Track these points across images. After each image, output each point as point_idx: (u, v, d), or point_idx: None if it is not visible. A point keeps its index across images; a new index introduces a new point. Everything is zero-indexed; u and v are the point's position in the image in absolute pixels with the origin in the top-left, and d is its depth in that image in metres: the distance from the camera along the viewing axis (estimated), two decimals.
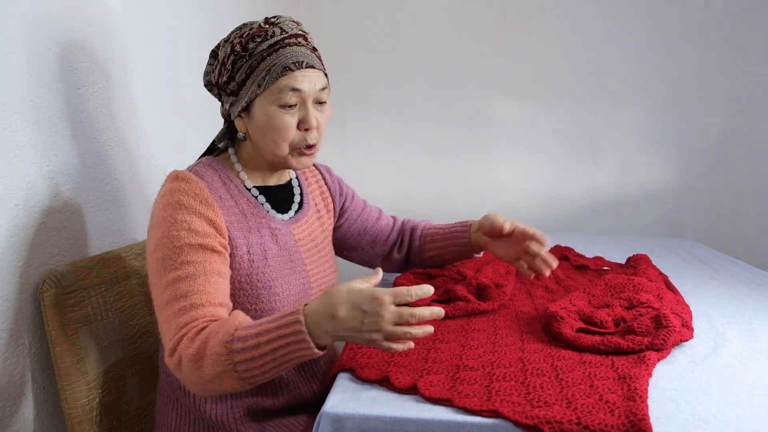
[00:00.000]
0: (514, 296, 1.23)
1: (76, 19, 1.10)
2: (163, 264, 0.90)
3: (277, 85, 0.95)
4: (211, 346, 0.81)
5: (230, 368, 0.79)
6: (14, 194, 0.95)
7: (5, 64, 0.92)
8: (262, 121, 0.97)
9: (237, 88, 0.98)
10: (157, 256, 0.91)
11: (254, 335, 0.79)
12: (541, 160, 2.52)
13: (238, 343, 0.79)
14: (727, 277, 1.50)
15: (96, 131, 1.16)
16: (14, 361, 0.95)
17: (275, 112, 0.96)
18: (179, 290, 0.88)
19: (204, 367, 0.81)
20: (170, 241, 0.90)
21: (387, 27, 2.51)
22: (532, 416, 0.69)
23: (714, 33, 2.38)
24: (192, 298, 0.87)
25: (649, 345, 0.90)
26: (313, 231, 1.14)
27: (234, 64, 0.97)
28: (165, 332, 0.88)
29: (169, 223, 0.91)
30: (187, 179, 0.95)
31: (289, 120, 0.97)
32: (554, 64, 2.45)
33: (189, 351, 0.82)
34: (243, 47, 0.96)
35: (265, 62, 0.95)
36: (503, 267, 1.36)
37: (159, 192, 0.98)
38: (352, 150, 2.58)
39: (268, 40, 0.96)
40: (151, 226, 0.95)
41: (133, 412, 1.13)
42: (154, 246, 0.92)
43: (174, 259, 0.89)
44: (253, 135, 1.01)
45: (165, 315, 0.88)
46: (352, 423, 0.72)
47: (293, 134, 0.98)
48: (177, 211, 0.92)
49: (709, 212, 2.48)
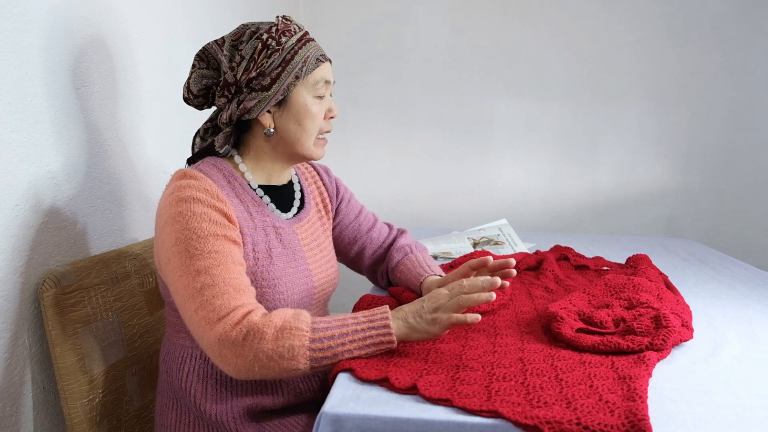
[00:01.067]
0: (514, 296, 1.23)
1: (76, 20, 1.10)
2: (188, 255, 0.89)
3: (314, 76, 1.02)
4: (290, 328, 0.84)
5: (306, 348, 0.84)
6: (14, 194, 0.95)
7: (5, 65, 0.92)
8: (300, 111, 1.02)
9: (270, 82, 0.99)
10: (180, 248, 0.90)
11: (337, 321, 0.87)
12: (541, 160, 2.52)
13: (319, 324, 0.86)
14: (727, 277, 1.50)
15: (96, 131, 1.16)
16: (14, 361, 0.95)
17: (312, 101, 1.03)
18: (216, 276, 0.88)
19: (280, 342, 0.83)
20: (193, 232, 0.90)
21: (387, 27, 2.51)
22: (532, 416, 0.69)
23: (714, 34, 2.38)
24: (232, 283, 0.89)
25: (649, 345, 0.90)
26: (315, 230, 1.15)
27: (268, 58, 0.99)
28: (201, 319, 0.86)
29: (187, 216, 0.91)
30: (196, 176, 0.96)
31: (320, 110, 1.05)
32: (554, 64, 2.45)
33: (266, 325, 0.84)
34: (276, 41, 0.99)
35: (299, 55, 1.00)
36: None
37: (165, 191, 0.97)
38: (352, 150, 2.58)
39: (294, 35, 1.01)
40: (164, 223, 0.93)
41: (133, 412, 1.13)
42: (174, 240, 0.91)
43: (201, 249, 0.89)
44: (285, 127, 1.03)
45: (198, 304, 0.87)
46: (352, 423, 0.72)
47: (322, 123, 1.06)
48: (193, 205, 0.92)
49: (709, 212, 2.48)
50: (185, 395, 1.00)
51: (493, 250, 1.69)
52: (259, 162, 1.07)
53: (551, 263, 1.44)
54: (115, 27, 1.23)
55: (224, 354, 0.85)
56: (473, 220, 2.35)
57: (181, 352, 1.01)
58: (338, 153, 2.54)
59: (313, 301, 1.09)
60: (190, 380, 0.99)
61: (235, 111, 1.01)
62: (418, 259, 1.23)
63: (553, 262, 1.45)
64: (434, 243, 1.76)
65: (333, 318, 0.89)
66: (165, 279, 0.95)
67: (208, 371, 0.99)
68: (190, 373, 0.99)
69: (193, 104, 1.07)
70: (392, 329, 0.87)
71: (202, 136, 1.09)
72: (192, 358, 1.00)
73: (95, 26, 1.16)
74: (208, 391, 0.99)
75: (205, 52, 1.04)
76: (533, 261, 1.48)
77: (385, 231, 1.32)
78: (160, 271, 0.97)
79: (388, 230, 1.33)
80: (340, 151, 2.56)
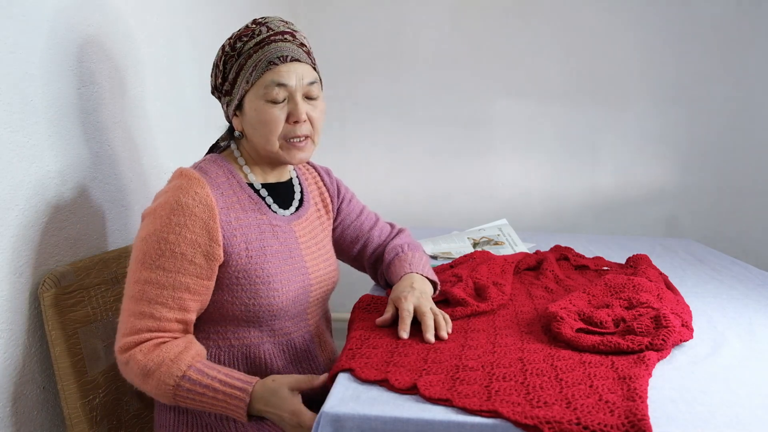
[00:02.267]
0: (514, 296, 1.23)
1: (76, 20, 1.10)
2: (143, 257, 0.94)
3: (263, 80, 0.98)
4: (162, 373, 0.91)
5: (171, 395, 0.92)
6: (14, 194, 0.95)
7: (5, 65, 0.92)
8: (252, 117, 1.01)
9: (230, 87, 1.02)
10: (141, 246, 0.94)
11: (203, 386, 0.91)
12: (541, 160, 2.52)
13: (186, 383, 0.91)
14: (727, 277, 1.50)
15: (96, 131, 1.16)
16: (14, 361, 0.95)
17: (263, 106, 0.99)
18: (147, 293, 0.93)
19: (148, 383, 0.92)
20: (158, 240, 0.93)
21: (387, 27, 2.51)
22: (532, 416, 0.69)
23: (713, 34, 2.38)
24: (155, 309, 0.93)
25: (649, 345, 0.90)
26: (314, 228, 1.15)
27: (225, 65, 1.02)
28: (122, 323, 0.94)
29: (164, 222, 0.93)
30: (191, 177, 0.97)
31: (278, 114, 0.99)
32: (554, 64, 2.45)
33: (141, 363, 0.91)
34: (231, 47, 1.01)
35: (252, 59, 0.98)
36: (498, 266, 1.35)
37: (165, 187, 0.99)
38: (352, 150, 2.58)
39: (254, 38, 0.99)
40: (148, 213, 0.97)
41: (133, 412, 1.13)
42: (143, 235, 0.95)
43: (154, 260, 0.93)
44: (247, 131, 1.04)
45: (127, 308, 0.94)
46: (352, 423, 0.72)
47: (282, 128, 1.01)
48: (174, 213, 0.93)
49: (709, 212, 2.48)
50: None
51: (493, 250, 1.69)
52: (253, 159, 1.09)
53: (551, 263, 1.44)
54: (115, 27, 1.23)
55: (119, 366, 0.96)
56: (473, 220, 2.34)
57: None
58: (338, 153, 2.54)
59: (310, 299, 1.09)
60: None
61: (224, 114, 1.08)
62: (407, 258, 1.21)
63: (553, 262, 1.45)
64: (434, 243, 1.76)
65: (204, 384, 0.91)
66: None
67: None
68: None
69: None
70: (244, 414, 0.91)
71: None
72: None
73: (95, 26, 1.16)
74: None
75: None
76: (533, 261, 1.48)
77: (387, 230, 1.32)
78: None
79: (390, 229, 1.33)
80: (340, 151, 2.56)
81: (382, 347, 0.92)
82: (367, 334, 0.97)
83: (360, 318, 1.05)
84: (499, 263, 1.37)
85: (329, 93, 2.66)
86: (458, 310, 1.08)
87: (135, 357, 0.91)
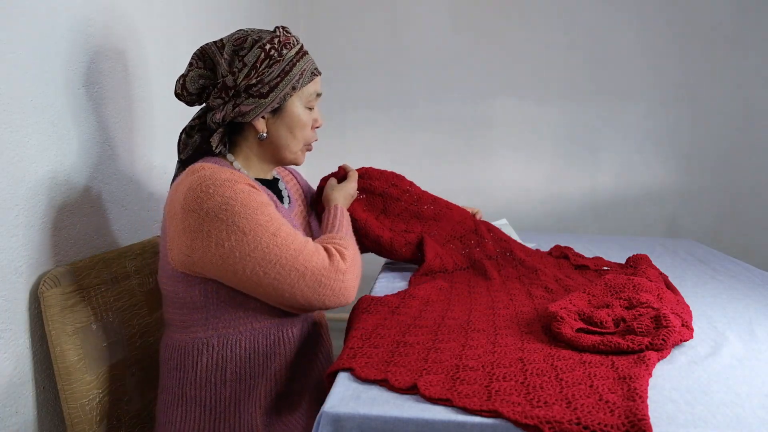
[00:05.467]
0: (514, 296, 1.23)
1: (77, 19, 1.10)
2: (263, 229, 0.95)
3: (309, 88, 1.10)
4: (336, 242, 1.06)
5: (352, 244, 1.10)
6: (14, 194, 0.95)
7: (6, 64, 0.92)
8: (294, 120, 1.10)
9: (268, 90, 1.05)
10: (249, 227, 0.94)
11: (335, 229, 1.13)
12: (541, 160, 2.52)
13: (337, 234, 1.10)
14: (727, 277, 1.50)
15: (96, 131, 1.16)
16: (14, 362, 0.95)
17: (305, 111, 1.11)
18: (289, 232, 0.98)
19: (347, 250, 1.05)
20: (251, 209, 0.95)
21: (387, 27, 2.51)
22: (532, 416, 0.69)
23: (714, 34, 2.38)
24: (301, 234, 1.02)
25: (649, 345, 0.90)
26: (302, 221, 1.24)
27: (269, 68, 1.04)
28: (306, 255, 0.97)
29: (239, 198, 0.95)
30: (214, 167, 0.99)
31: (309, 120, 1.13)
32: (554, 63, 2.45)
33: (333, 249, 1.02)
34: (279, 53, 1.05)
35: (297, 67, 1.07)
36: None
37: (182, 186, 0.97)
38: (352, 150, 2.58)
39: (294, 47, 1.08)
40: (206, 213, 0.93)
41: (133, 412, 1.13)
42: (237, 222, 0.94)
43: (270, 219, 0.97)
44: (276, 133, 1.10)
45: (295, 247, 0.97)
46: (352, 423, 0.72)
47: (309, 133, 1.14)
48: (235, 185, 0.96)
49: (709, 212, 2.48)
50: (201, 387, 1.00)
51: None
52: (247, 161, 1.13)
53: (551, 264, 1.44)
54: (115, 27, 1.23)
55: (335, 276, 0.99)
56: None
57: (196, 346, 1.01)
58: (338, 153, 2.54)
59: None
60: (210, 370, 1.00)
61: (230, 113, 1.05)
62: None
63: (552, 262, 1.45)
64: None
65: (332, 227, 1.13)
66: (214, 269, 0.95)
67: (226, 357, 1.01)
68: (209, 363, 1.01)
69: (186, 100, 1.10)
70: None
71: (188, 133, 1.11)
72: (209, 348, 1.01)
73: (96, 26, 1.16)
74: (227, 377, 1.00)
75: (204, 52, 1.06)
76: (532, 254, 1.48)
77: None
78: (193, 266, 0.96)
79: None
80: (341, 151, 2.56)
81: (383, 347, 0.92)
82: (367, 334, 0.97)
83: (360, 318, 1.06)
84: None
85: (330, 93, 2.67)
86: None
87: (331, 251, 1.01)
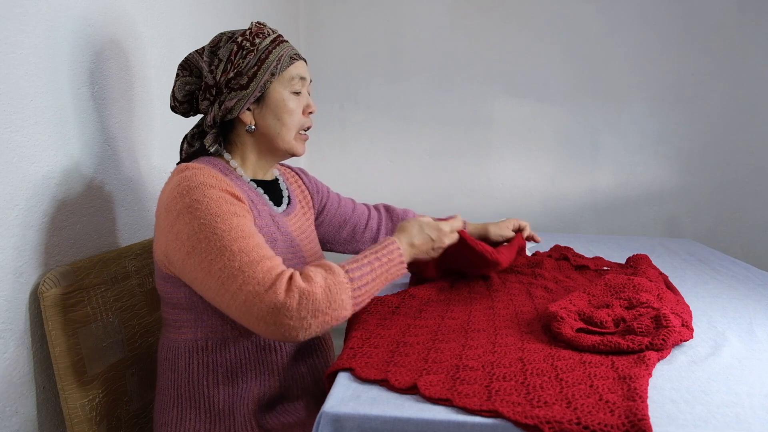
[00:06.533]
0: (514, 296, 1.23)
1: (77, 19, 1.10)
2: (217, 238, 0.88)
3: (289, 72, 1.07)
4: (334, 277, 0.90)
5: (350, 293, 0.91)
6: (14, 194, 0.95)
7: (5, 64, 0.92)
8: (279, 107, 1.06)
9: (248, 80, 1.04)
10: (206, 234, 0.89)
11: (365, 267, 0.95)
12: (541, 160, 2.52)
13: (354, 273, 0.93)
14: (727, 277, 1.50)
15: (96, 131, 1.16)
16: (14, 361, 0.95)
17: (289, 96, 1.07)
18: (251, 252, 0.88)
19: (332, 294, 0.89)
20: (215, 215, 0.90)
21: (387, 27, 2.51)
22: (532, 416, 0.69)
23: (713, 34, 2.38)
24: (266, 254, 0.90)
25: (649, 345, 0.90)
26: (302, 224, 1.20)
27: (243, 58, 1.04)
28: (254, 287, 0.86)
29: (204, 203, 0.91)
30: (199, 167, 0.98)
31: (298, 105, 1.09)
32: (554, 64, 2.45)
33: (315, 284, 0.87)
34: (251, 42, 1.05)
35: (273, 54, 1.05)
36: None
37: (167, 186, 0.97)
38: (352, 150, 2.58)
39: (267, 37, 1.07)
40: (176, 215, 0.91)
41: (133, 412, 1.13)
42: (195, 228, 0.89)
43: (228, 230, 0.89)
44: (264, 123, 1.07)
45: (245, 276, 0.86)
46: (352, 423, 0.72)
47: (300, 119, 1.10)
48: (206, 190, 0.93)
49: (709, 212, 2.48)
50: (195, 389, 1.00)
51: None
52: (245, 159, 1.11)
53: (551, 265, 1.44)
54: (116, 27, 1.23)
55: (280, 320, 0.84)
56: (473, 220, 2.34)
57: (186, 347, 1.01)
58: (338, 153, 2.54)
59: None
60: (201, 372, 1.00)
61: (218, 112, 1.05)
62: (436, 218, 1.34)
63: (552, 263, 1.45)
64: None
65: (359, 264, 0.95)
66: (182, 271, 0.93)
67: (217, 360, 1.00)
68: (200, 366, 1.00)
69: (180, 111, 1.12)
70: (405, 264, 1.02)
71: (189, 142, 1.13)
72: (199, 351, 1.00)
73: (95, 26, 1.16)
74: (219, 380, 1.00)
75: (187, 61, 1.09)
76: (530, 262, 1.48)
77: (365, 207, 1.45)
78: (170, 266, 0.96)
79: (367, 206, 1.45)
80: (340, 151, 2.56)
81: (383, 347, 0.92)
82: (367, 334, 0.97)
83: (360, 318, 1.06)
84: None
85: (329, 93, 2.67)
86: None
87: (302, 287, 0.86)
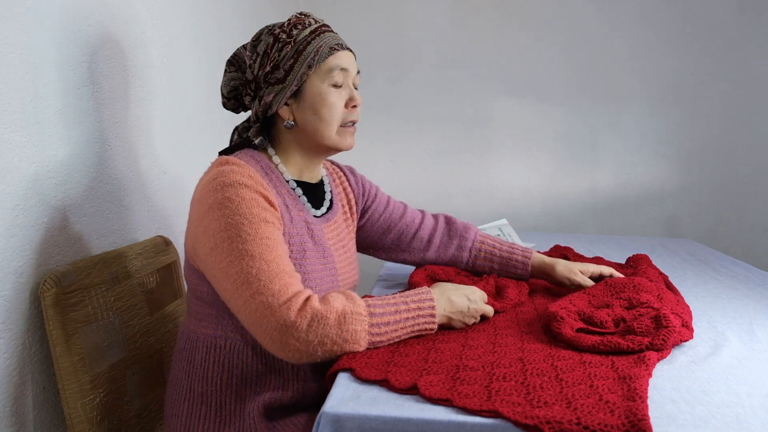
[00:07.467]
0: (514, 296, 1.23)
1: (76, 19, 1.10)
2: (240, 240, 0.88)
3: (327, 64, 1.02)
4: (353, 306, 0.88)
5: (367, 328, 0.88)
6: (14, 194, 0.95)
7: (5, 64, 0.92)
8: (316, 101, 1.02)
9: (284, 74, 1.01)
10: (230, 233, 0.88)
11: (390, 306, 0.92)
12: (541, 160, 2.52)
13: (376, 308, 0.90)
14: (727, 277, 1.50)
15: (96, 131, 1.16)
16: (14, 361, 0.95)
17: (328, 89, 1.02)
18: (271, 262, 0.87)
19: (346, 323, 0.86)
20: (243, 217, 0.90)
21: (387, 28, 2.51)
22: (532, 416, 0.69)
23: (713, 34, 2.38)
24: (286, 269, 0.89)
25: (649, 345, 0.90)
26: (341, 232, 1.16)
27: (280, 51, 1.01)
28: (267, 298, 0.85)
29: (236, 201, 0.91)
30: (238, 163, 0.96)
31: (339, 98, 1.04)
32: (554, 64, 2.45)
33: (331, 308, 0.86)
34: (288, 34, 1.02)
35: (311, 45, 1.01)
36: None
37: (205, 176, 0.97)
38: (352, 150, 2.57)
39: (307, 27, 1.03)
40: (207, 208, 0.92)
41: (133, 412, 1.13)
42: (222, 226, 0.89)
43: (253, 234, 0.88)
44: (303, 119, 1.04)
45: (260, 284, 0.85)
46: (352, 423, 0.72)
47: (342, 112, 1.05)
48: (240, 189, 0.92)
49: (709, 212, 2.48)
50: (208, 385, 0.99)
51: None
52: (289, 157, 1.09)
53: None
54: (116, 27, 1.23)
55: (286, 340, 0.83)
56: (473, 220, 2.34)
57: (205, 342, 1.00)
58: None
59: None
60: (216, 371, 0.99)
61: (259, 108, 1.04)
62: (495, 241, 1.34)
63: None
64: None
65: (384, 301, 0.93)
66: (204, 266, 0.93)
67: (233, 362, 0.98)
68: (215, 364, 0.99)
69: (230, 107, 1.11)
70: (436, 318, 0.96)
71: (240, 133, 1.11)
72: (216, 349, 0.99)
73: (96, 26, 1.16)
74: (232, 382, 0.98)
75: (234, 57, 1.08)
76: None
77: (418, 215, 1.34)
78: (196, 258, 0.96)
79: (422, 214, 1.35)
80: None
81: (383, 347, 0.92)
82: None
83: None
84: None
85: None
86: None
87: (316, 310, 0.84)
